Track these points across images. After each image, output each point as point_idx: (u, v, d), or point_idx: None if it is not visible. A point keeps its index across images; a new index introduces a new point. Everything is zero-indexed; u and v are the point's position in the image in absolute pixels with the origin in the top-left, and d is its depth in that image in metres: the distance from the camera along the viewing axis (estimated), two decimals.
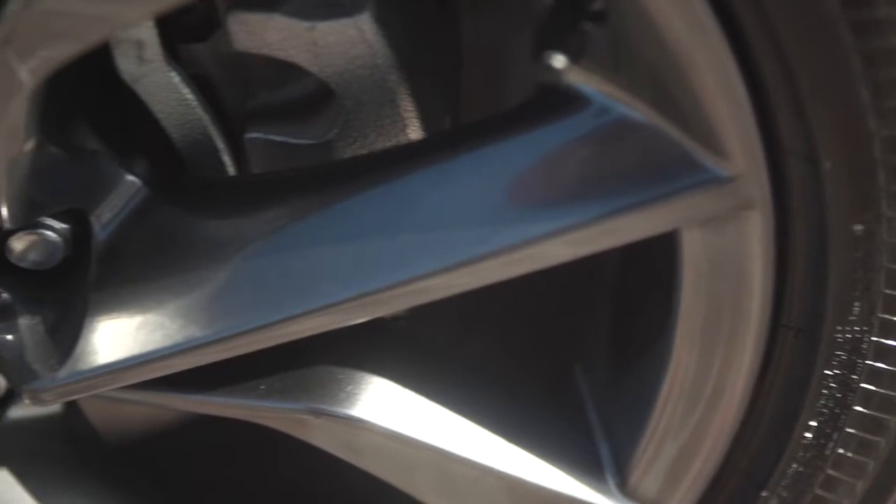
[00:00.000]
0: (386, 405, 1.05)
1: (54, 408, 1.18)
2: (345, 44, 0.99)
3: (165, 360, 0.97)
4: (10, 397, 1.14)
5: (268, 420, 1.06)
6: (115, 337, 0.97)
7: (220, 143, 1.03)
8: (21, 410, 1.16)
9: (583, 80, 0.87)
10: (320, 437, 1.07)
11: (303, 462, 1.16)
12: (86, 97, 0.96)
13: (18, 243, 0.98)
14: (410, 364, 1.08)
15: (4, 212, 0.93)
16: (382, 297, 0.94)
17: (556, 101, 0.90)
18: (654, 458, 1.05)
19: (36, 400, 0.99)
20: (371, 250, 0.93)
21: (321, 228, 0.95)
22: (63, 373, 0.97)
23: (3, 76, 0.82)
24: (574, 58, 0.86)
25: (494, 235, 0.91)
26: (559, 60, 0.86)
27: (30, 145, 0.89)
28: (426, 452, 1.06)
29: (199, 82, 1.02)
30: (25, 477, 1.14)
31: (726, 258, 0.94)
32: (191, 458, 1.30)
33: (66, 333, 0.99)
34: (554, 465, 1.07)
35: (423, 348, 1.11)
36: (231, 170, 1.05)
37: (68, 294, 1.01)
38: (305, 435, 1.07)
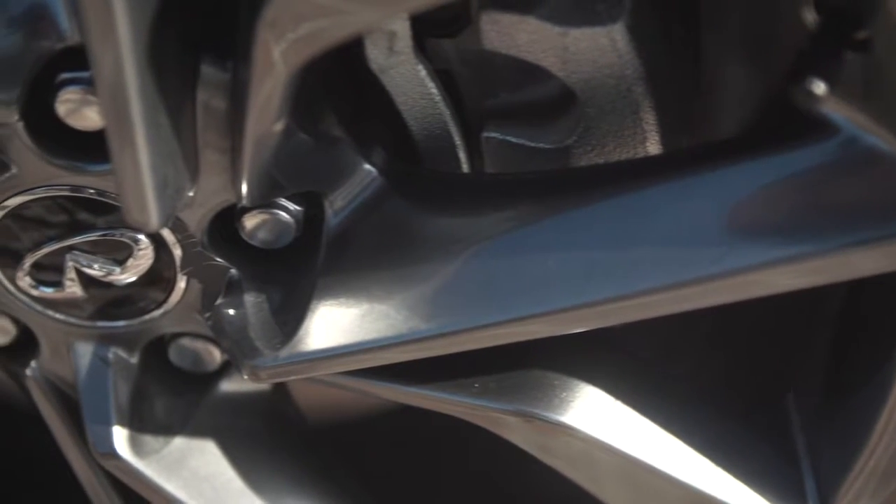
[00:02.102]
0: (596, 414, 1.05)
1: (261, 385, 1.20)
2: (595, 51, 0.99)
3: (388, 349, 0.97)
4: (221, 371, 1.16)
5: (475, 417, 1.06)
6: (340, 322, 0.97)
7: (458, 140, 1.04)
8: (227, 385, 1.17)
9: (837, 108, 0.86)
10: (518, 436, 1.07)
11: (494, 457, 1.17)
12: (332, 83, 0.97)
13: (251, 221, 0.99)
14: (622, 376, 1.08)
15: (244, 189, 0.94)
16: (609, 308, 0.93)
17: (803, 126, 0.89)
18: (860, 494, 1.03)
19: (255, 376, 1.00)
20: (603, 260, 0.93)
21: (554, 234, 0.94)
22: (285, 352, 0.98)
23: (262, 57, 0.83)
24: (832, 85, 0.85)
25: (727, 257, 0.90)
26: (820, 87, 0.85)
27: (279, 126, 0.90)
28: (626, 462, 1.05)
29: (442, 77, 1.02)
30: (229, 451, 1.16)
31: None
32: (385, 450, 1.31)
33: (290, 314, 1.00)
34: (756, 489, 1.06)
35: (635, 361, 1.11)
36: (465, 167, 1.06)
37: (295, 276, 1.02)
38: (504, 432, 1.07)
